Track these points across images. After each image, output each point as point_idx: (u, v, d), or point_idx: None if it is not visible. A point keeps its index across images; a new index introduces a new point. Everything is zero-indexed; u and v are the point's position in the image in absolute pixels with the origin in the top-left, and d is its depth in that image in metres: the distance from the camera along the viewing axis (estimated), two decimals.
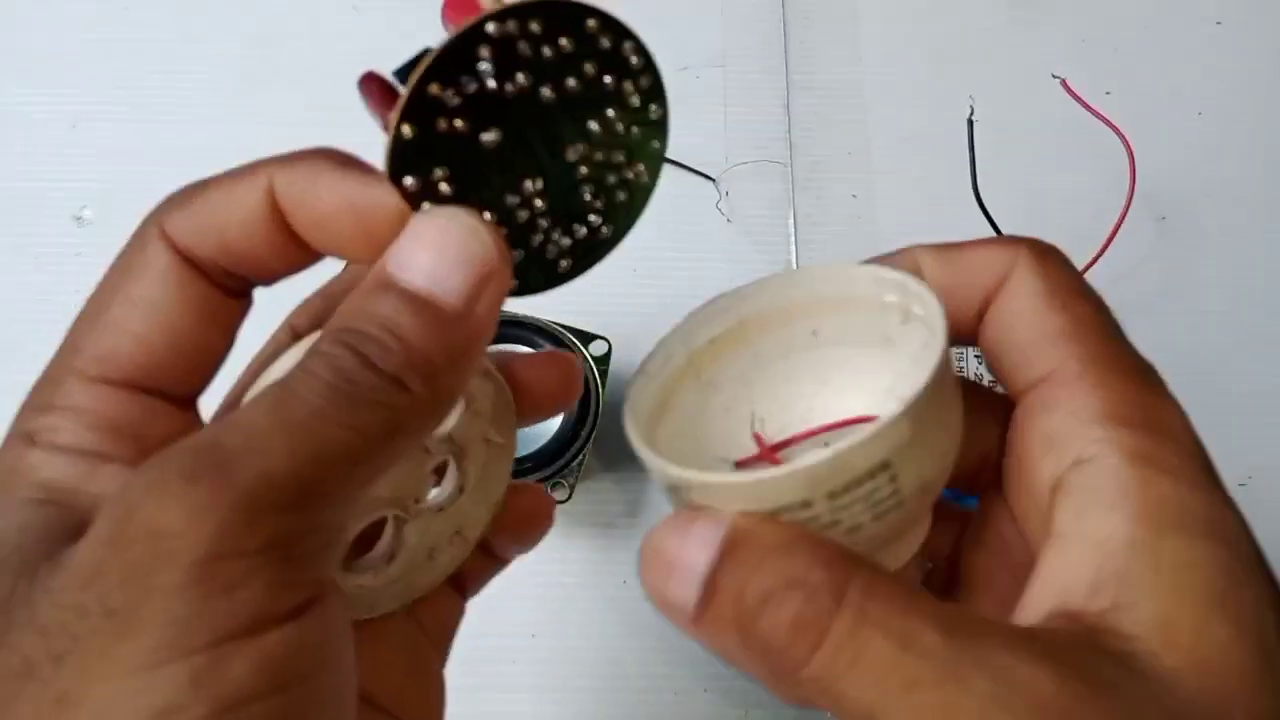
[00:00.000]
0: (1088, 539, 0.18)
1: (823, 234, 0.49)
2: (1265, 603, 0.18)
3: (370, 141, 0.20)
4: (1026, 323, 0.22)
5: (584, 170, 0.20)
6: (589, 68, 0.19)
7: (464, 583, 0.26)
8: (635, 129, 0.20)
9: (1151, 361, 0.22)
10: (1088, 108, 0.47)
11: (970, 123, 0.45)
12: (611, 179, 0.20)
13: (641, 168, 0.20)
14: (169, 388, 0.20)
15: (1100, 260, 0.45)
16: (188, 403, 0.21)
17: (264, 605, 0.15)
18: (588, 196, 0.20)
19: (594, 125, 0.19)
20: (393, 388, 0.17)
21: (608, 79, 0.19)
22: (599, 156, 0.20)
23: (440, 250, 0.18)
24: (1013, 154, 0.51)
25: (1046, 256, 0.23)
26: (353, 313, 0.18)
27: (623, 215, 0.21)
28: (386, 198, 0.18)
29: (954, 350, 0.22)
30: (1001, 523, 0.23)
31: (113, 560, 0.15)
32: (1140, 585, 0.17)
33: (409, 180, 0.18)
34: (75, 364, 0.20)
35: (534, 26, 0.18)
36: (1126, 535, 0.18)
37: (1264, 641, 0.17)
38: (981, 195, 0.44)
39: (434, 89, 0.18)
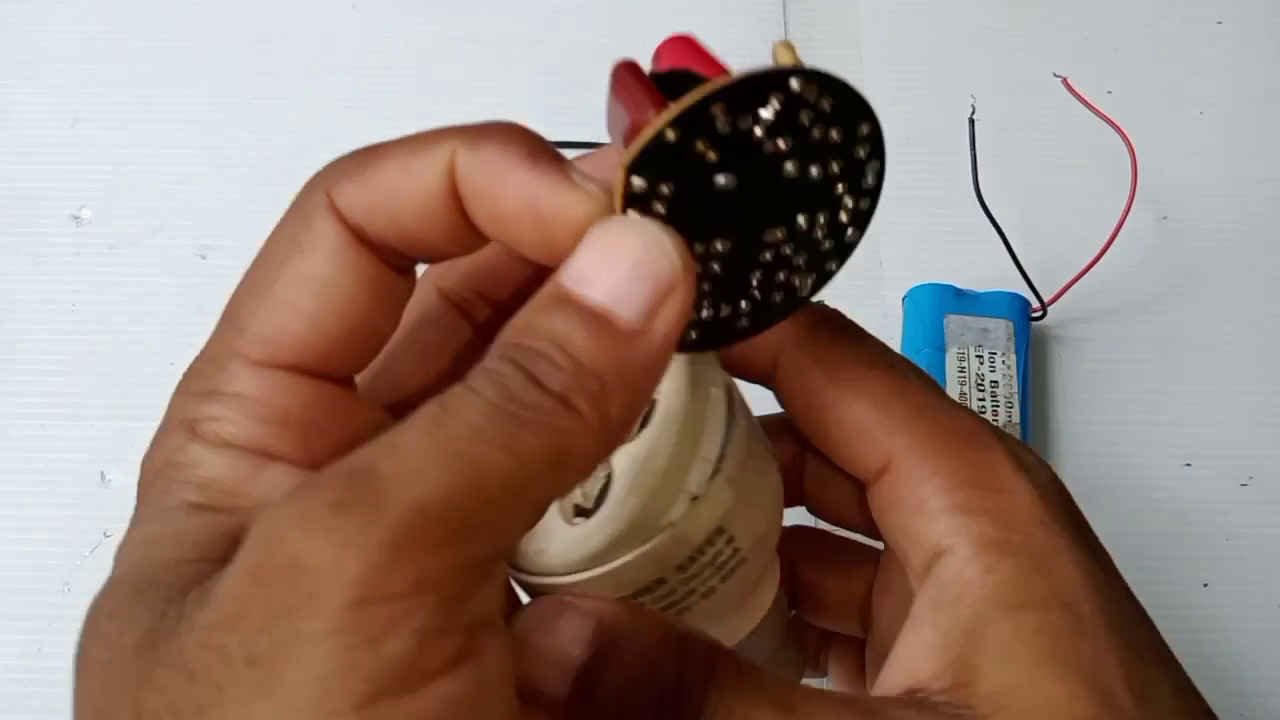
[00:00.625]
0: (938, 628, 0.19)
1: None
2: (1107, 651, 0.19)
3: (374, 138, 0.20)
4: (837, 416, 0.22)
5: (768, 257, 0.19)
6: (835, 167, 0.19)
7: None
8: (828, 242, 0.20)
9: (1155, 357, 0.22)
10: (1089, 107, 0.47)
11: (971, 122, 0.45)
12: (782, 278, 0.20)
13: (810, 281, 0.20)
14: (338, 371, 0.19)
15: (1101, 260, 0.44)
16: (352, 386, 0.19)
17: (417, 657, 0.14)
18: (754, 282, 0.19)
19: (802, 221, 0.19)
20: (559, 408, 0.15)
21: (840, 187, 0.19)
22: (787, 251, 0.19)
23: (620, 261, 0.17)
24: (1014, 153, 0.51)
25: (818, 328, 0.23)
26: (522, 328, 0.16)
27: (766, 315, 0.20)
28: (577, 205, 0.17)
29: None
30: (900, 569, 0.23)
31: (255, 599, 0.14)
32: (977, 663, 0.19)
33: (639, 180, 0.17)
34: (239, 346, 0.18)
35: (825, 105, 0.18)
36: (970, 622, 0.19)
37: (1103, 688, 0.18)
38: (983, 194, 0.44)
39: (716, 109, 0.17)
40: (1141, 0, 0.55)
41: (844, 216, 0.19)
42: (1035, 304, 0.45)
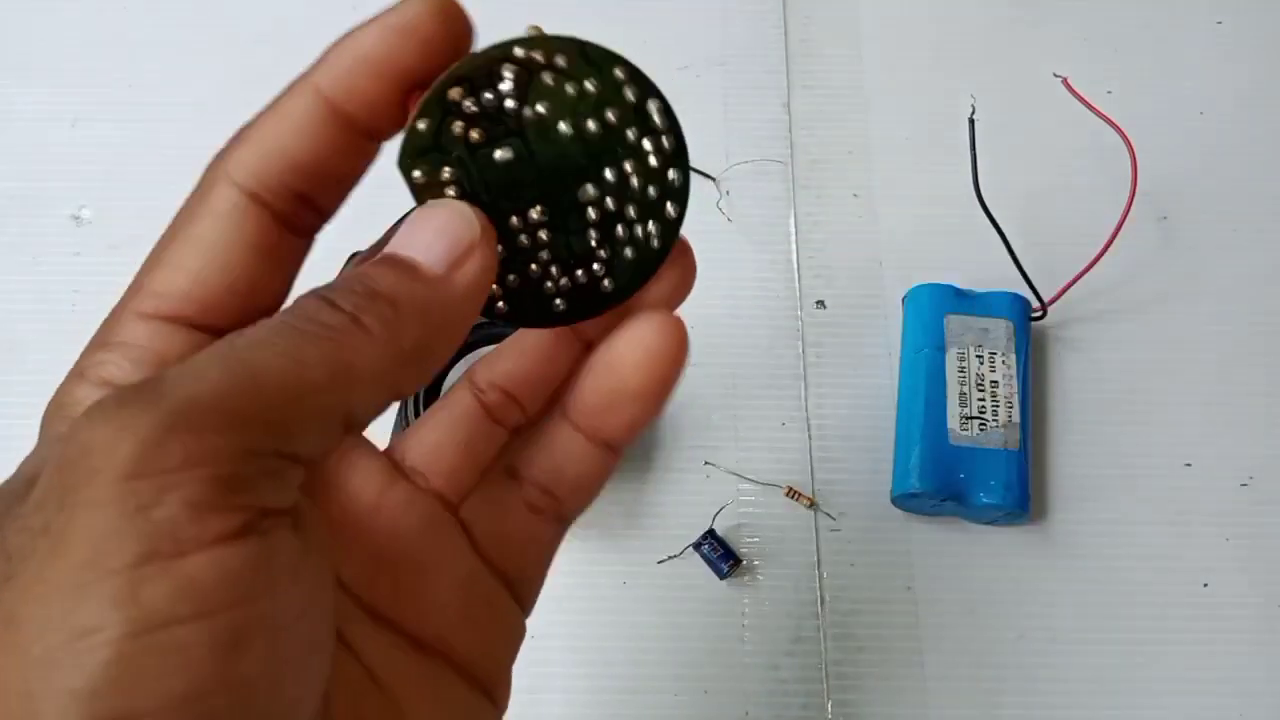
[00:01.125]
0: None
1: (824, 233, 0.49)
2: None
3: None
4: None
5: (593, 215, 0.20)
6: (610, 115, 0.19)
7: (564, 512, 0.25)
8: (651, 189, 0.20)
9: (1155, 357, 0.22)
10: (1089, 107, 0.47)
11: (972, 121, 0.45)
12: (621, 233, 0.20)
13: (653, 229, 0.21)
14: (223, 325, 0.20)
15: (1101, 260, 0.44)
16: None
17: (187, 525, 0.15)
18: (593, 243, 0.20)
19: (609, 174, 0.20)
20: (346, 323, 0.17)
21: (630, 132, 0.20)
22: (611, 205, 0.20)
23: (426, 227, 0.19)
24: (1014, 153, 0.51)
25: None
26: (341, 279, 0.19)
27: (628, 273, 0.21)
28: (376, 29, 0.20)
29: None
30: None
31: (54, 481, 0.15)
32: None
33: (417, 172, 0.19)
34: (132, 303, 0.20)
35: (560, 60, 0.19)
36: None
37: None
38: (983, 194, 0.44)
39: (454, 93, 0.19)
40: (1141, 0, 0.55)
41: (653, 160, 0.20)
42: (1035, 304, 0.45)
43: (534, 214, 0.20)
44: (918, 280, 0.46)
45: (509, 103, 0.19)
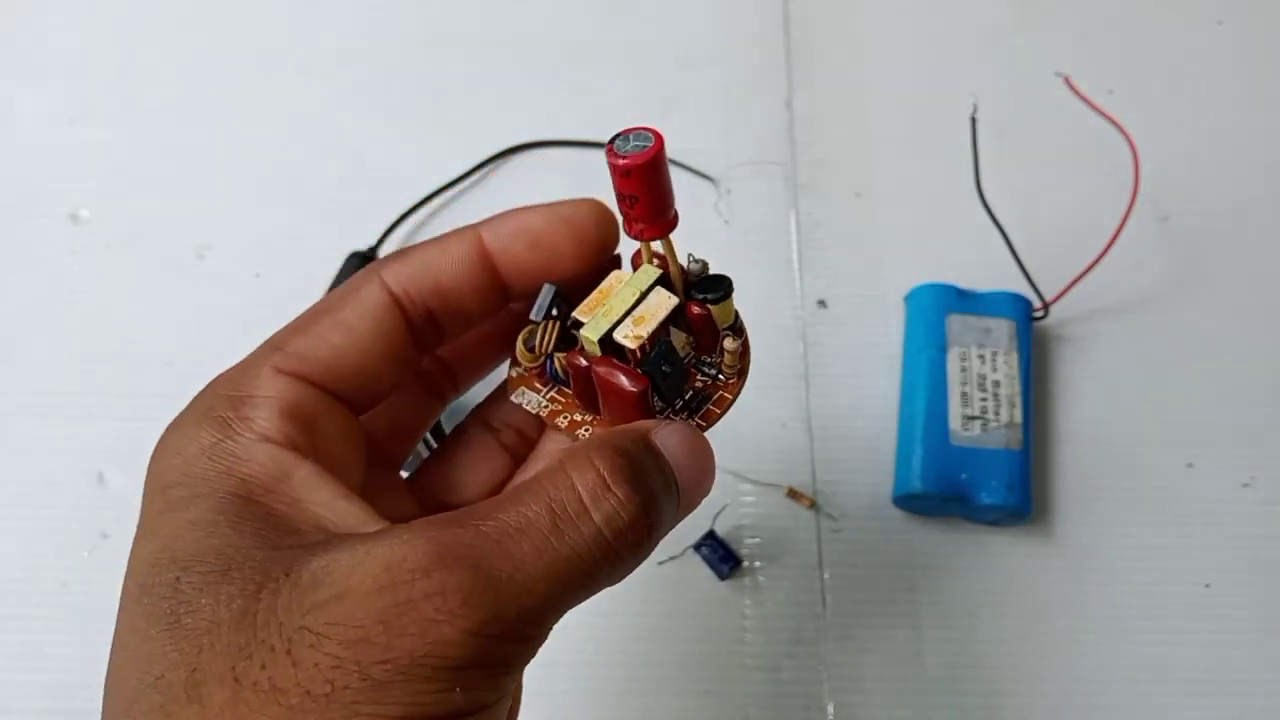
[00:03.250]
0: None
1: (824, 233, 0.49)
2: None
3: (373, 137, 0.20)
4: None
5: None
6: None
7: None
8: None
9: (1156, 357, 0.24)
10: (1091, 106, 0.47)
11: (973, 121, 0.45)
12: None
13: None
14: (347, 396, 0.24)
15: (1103, 260, 0.44)
16: (354, 412, 0.24)
17: (485, 700, 0.19)
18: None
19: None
20: (641, 547, 0.21)
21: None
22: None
23: (691, 452, 0.23)
24: (1016, 152, 0.51)
25: None
26: (630, 449, 0.21)
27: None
28: (559, 211, 0.24)
29: None
30: None
31: (383, 640, 0.18)
32: None
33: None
34: (273, 359, 0.23)
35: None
36: None
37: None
38: (984, 194, 0.44)
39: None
40: (1142, 0, 0.55)
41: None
42: (1037, 304, 0.45)
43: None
44: (919, 280, 0.46)
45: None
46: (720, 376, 0.26)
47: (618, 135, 0.23)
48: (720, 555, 0.42)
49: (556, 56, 0.53)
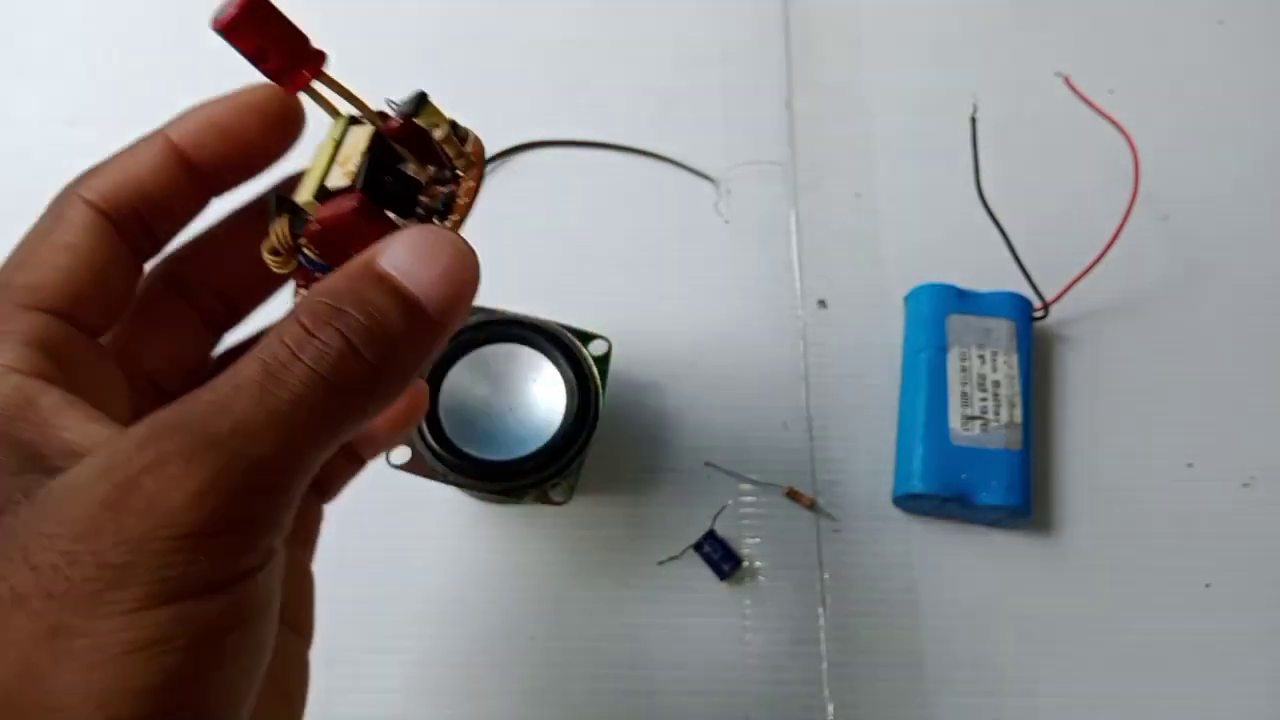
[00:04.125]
0: None
1: (825, 233, 0.49)
2: None
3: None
4: None
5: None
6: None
7: (324, 485, 0.29)
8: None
9: (1156, 357, 0.23)
10: (1092, 106, 0.47)
11: (973, 120, 0.45)
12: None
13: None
14: (85, 319, 0.23)
15: (1103, 259, 0.44)
16: (96, 334, 0.24)
17: (241, 566, 0.19)
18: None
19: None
20: (372, 382, 0.20)
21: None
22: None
23: (434, 263, 0.21)
24: (1016, 152, 0.51)
25: None
26: (342, 294, 0.20)
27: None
28: (240, 98, 0.25)
29: None
30: None
31: (110, 523, 0.18)
32: None
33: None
34: (9, 295, 0.23)
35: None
36: None
37: None
38: (984, 194, 0.44)
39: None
40: (1142, 0, 0.55)
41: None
42: (1037, 303, 0.45)
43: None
44: (919, 280, 0.46)
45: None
46: (457, 174, 0.24)
47: (216, 9, 0.23)
48: (720, 555, 0.42)
49: (556, 56, 0.53)
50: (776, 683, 0.41)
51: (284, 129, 0.25)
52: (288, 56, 0.23)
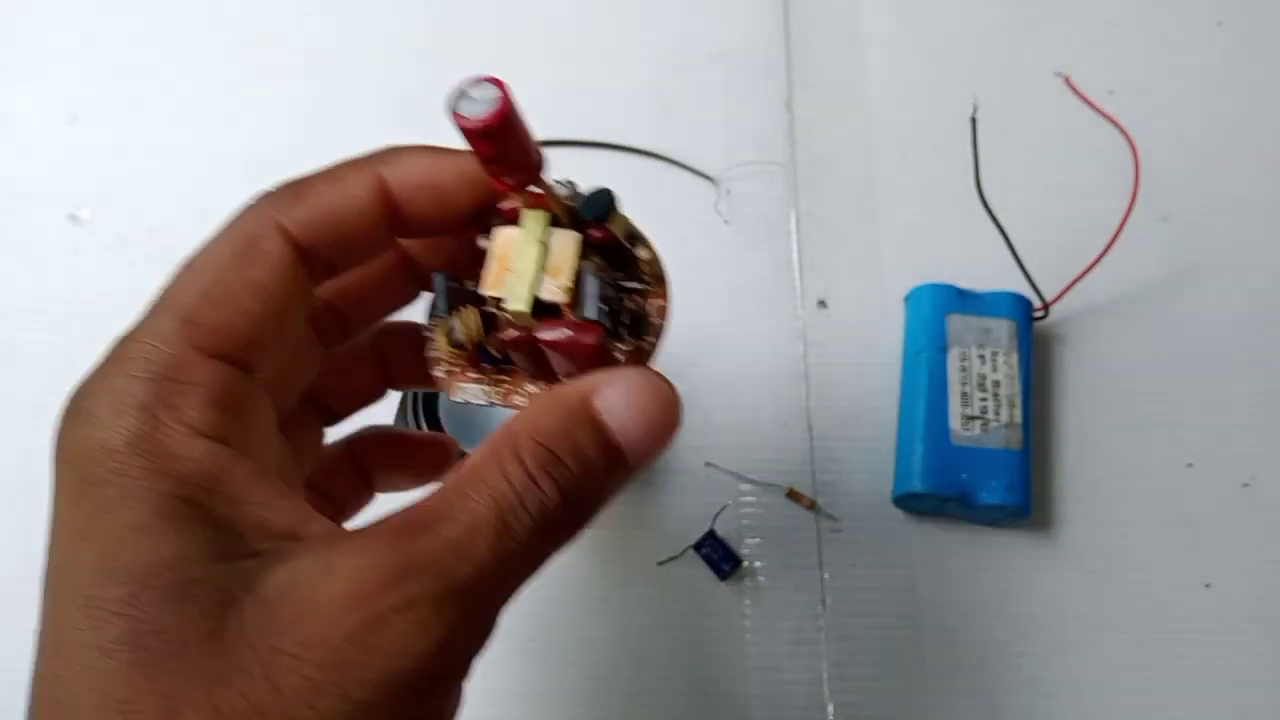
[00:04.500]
0: None
1: (825, 233, 0.49)
2: None
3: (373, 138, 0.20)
4: None
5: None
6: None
7: (342, 508, 0.29)
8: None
9: (1156, 357, 0.23)
10: (1091, 106, 0.47)
11: (973, 121, 0.45)
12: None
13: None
14: (261, 370, 0.22)
15: (1103, 259, 0.44)
16: (255, 374, 0.23)
17: (451, 703, 0.20)
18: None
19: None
20: (574, 527, 0.21)
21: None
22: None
23: (646, 416, 0.21)
24: (1016, 152, 0.51)
25: None
26: (562, 439, 0.20)
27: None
28: (462, 165, 0.23)
29: None
30: None
31: (358, 659, 0.18)
32: None
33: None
34: (191, 335, 0.21)
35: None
36: None
37: None
38: (985, 193, 0.44)
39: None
40: (1142, 0, 0.55)
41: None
42: (1037, 304, 0.45)
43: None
44: (919, 280, 0.46)
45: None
46: (647, 284, 0.24)
47: (458, 95, 0.21)
48: (720, 555, 0.42)
49: (556, 56, 0.53)
50: (776, 683, 0.41)
51: (485, 204, 0.24)
52: (519, 167, 0.22)
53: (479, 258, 0.24)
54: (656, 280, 0.24)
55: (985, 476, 0.41)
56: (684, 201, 0.50)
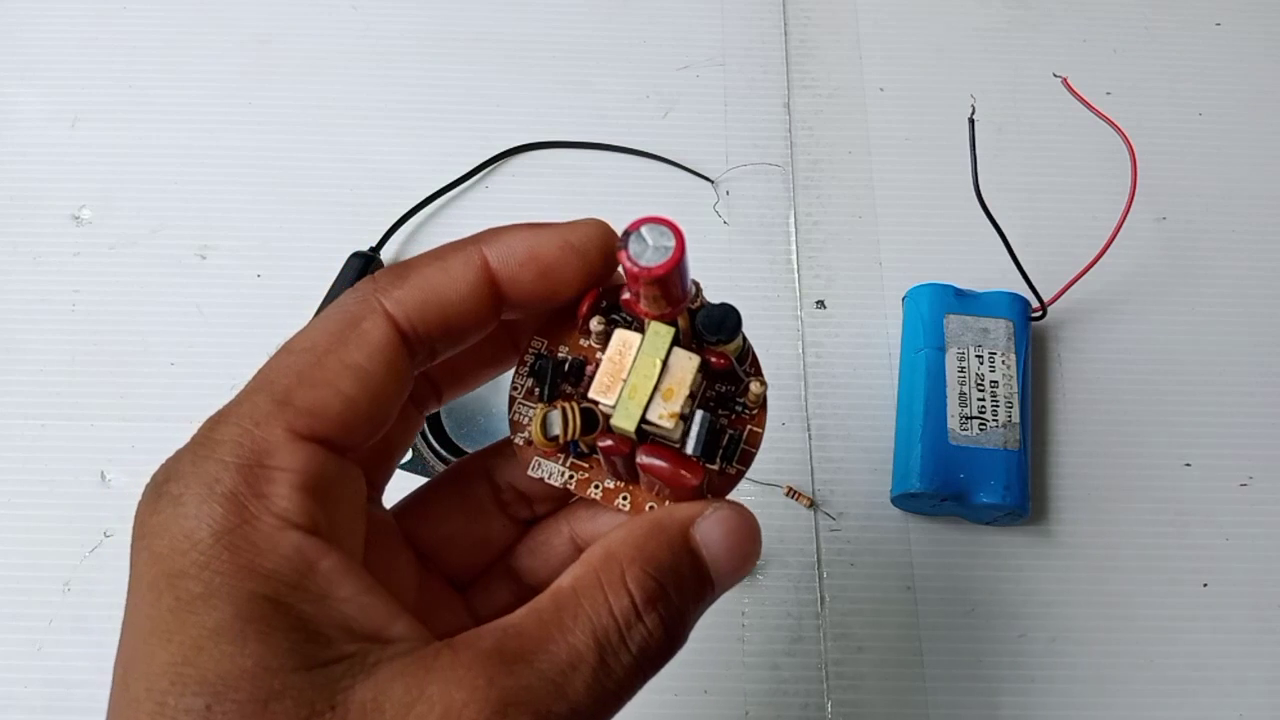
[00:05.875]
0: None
1: (823, 233, 0.49)
2: None
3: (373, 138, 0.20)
4: None
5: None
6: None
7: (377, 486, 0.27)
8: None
9: (1155, 357, 0.23)
10: (1089, 107, 0.47)
11: (971, 122, 0.45)
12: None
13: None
14: (356, 453, 0.21)
15: (1101, 260, 0.44)
16: (350, 455, 0.22)
17: None
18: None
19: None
20: (667, 655, 0.21)
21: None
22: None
23: (737, 552, 0.22)
24: (1014, 153, 0.51)
25: None
26: (668, 569, 0.21)
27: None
28: (566, 237, 0.23)
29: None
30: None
31: None
32: None
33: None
34: (285, 417, 0.20)
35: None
36: None
37: None
38: (983, 194, 0.44)
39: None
40: (1141, 1, 0.55)
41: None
42: (1035, 304, 0.45)
43: None
44: (917, 280, 0.46)
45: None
46: (746, 411, 0.25)
47: (630, 232, 0.20)
48: None
49: (556, 56, 0.54)
50: (776, 681, 0.41)
51: (596, 279, 0.24)
52: (670, 302, 0.22)
53: (573, 317, 0.24)
54: (759, 408, 0.24)
55: (983, 476, 0.42)
56: (683, 202, 0.50)
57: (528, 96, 0.53)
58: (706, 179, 0.50)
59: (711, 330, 0.23)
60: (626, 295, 0.23)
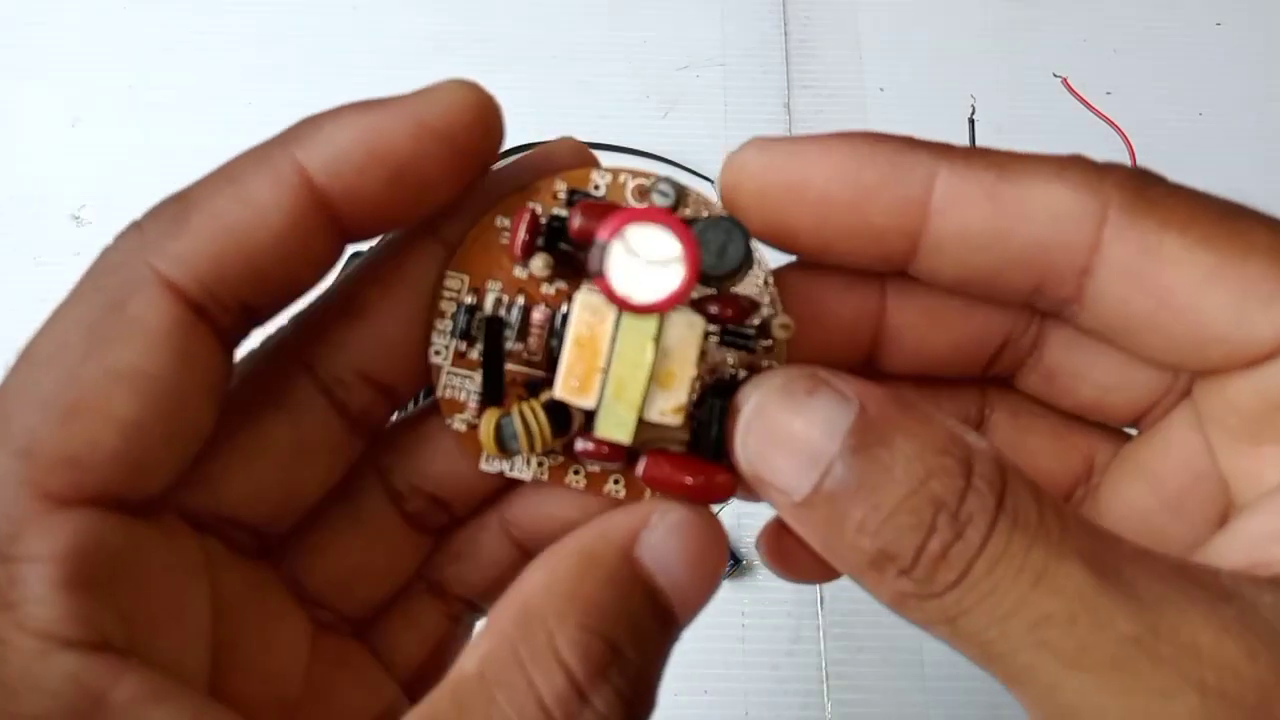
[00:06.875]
0: None
1: None
2: None
3: None
4: (1176, 296, 0.17)
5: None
6: None
7: None
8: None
9: None
10: (1089, 107, 0.47)
11: (972, 121, 0.45)
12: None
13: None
14: (156, 490, 0.15)
15: None
16: (148, 503, 0.15)
17: None
18: None
19: None
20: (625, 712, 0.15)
21: None
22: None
23: (698, 559, 0.17)
24: None
25: (1152, 204, 0.17)
26: (620, 619, 0.15)
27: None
28: (407, 122, 0.16)
29: None
30: (1167, 452, 0.19)
31: None
32: None
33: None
34: (32, 476, 0.13)
35: None
36: None
37: None
38: None
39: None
40: (1141, 1, 0.55)
41: None
42: None
43: None
44: None
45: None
46: (769, 364, 0.18)
47: (607, 243, 0.16)
48: None
49: (557, 57, 0.54)
50: (776, 681, 0.41)
51: (477, 166, 0.17)
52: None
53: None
54: (779, 356, 0.18)
55: None
56: None
57: (527, 96, 0.53)
58: (706, 179, 0.50)
59: (709, 266, 0.17)
60: (578, 223, 0.17)
